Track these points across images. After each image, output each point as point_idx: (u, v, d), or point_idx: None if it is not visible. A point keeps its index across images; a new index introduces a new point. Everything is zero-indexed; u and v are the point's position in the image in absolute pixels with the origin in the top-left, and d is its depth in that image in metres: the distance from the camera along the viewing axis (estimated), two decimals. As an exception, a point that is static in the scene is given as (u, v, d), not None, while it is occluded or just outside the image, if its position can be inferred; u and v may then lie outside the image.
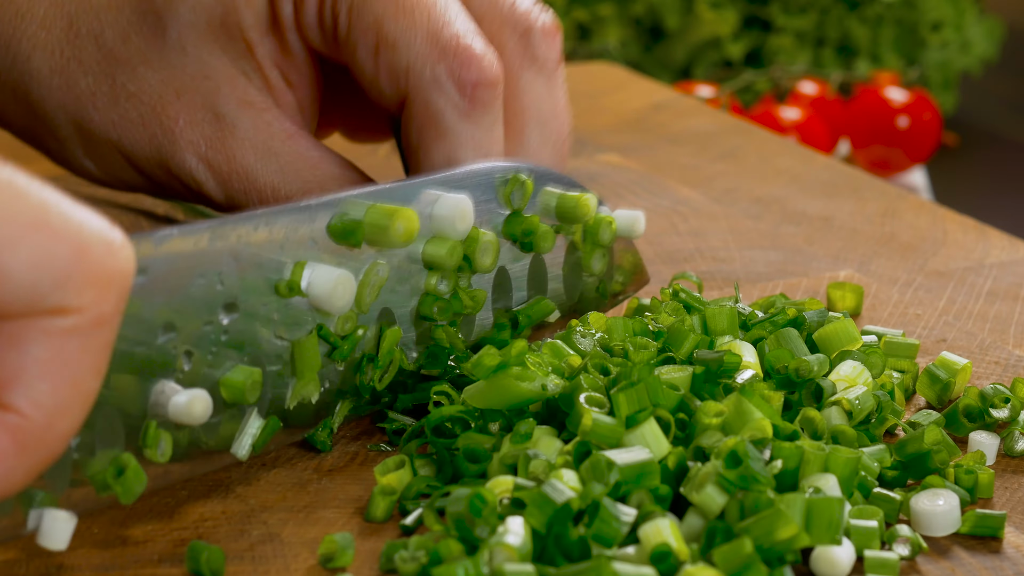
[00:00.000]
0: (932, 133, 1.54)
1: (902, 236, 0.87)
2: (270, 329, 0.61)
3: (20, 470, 0.48)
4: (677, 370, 0.62)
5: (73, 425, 0.49)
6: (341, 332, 0.63)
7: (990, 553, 0.59)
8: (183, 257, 0.58)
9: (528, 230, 0.69)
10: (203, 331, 0.59)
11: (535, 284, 0.70)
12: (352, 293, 0.63)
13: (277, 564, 0.58)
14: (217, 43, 0.71)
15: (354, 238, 0.63)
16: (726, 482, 0.56)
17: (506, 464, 0.60)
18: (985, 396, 0.66)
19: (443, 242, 0.66)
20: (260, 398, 0.61)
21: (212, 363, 0.59)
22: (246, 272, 0.60)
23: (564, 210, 0.70)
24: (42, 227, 0.47)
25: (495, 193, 0.68)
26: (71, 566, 0.57)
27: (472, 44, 0.68)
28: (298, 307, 0.62)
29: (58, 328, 0.48)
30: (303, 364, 0.62)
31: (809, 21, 1.63)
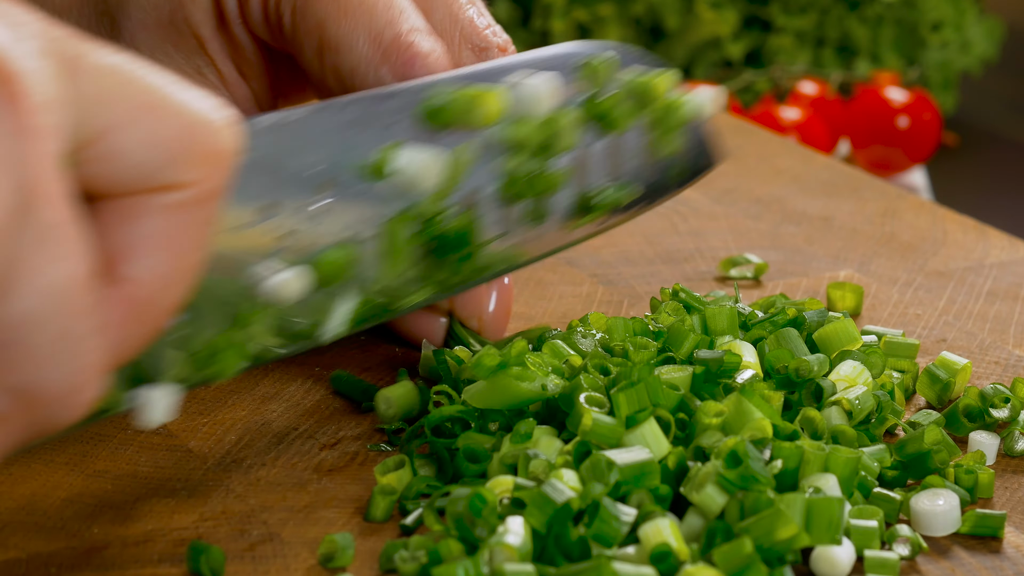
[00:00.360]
0: (932, 133, 1.54)
1: (902, 236, 0.87)
2: (364, 210, 0.62)
3: (134, 339, 0.50)
4: (677, 370, 0.62)
5: (181, 295, 0.51)
6: (430, 212, 0.64)
7: (990, 553, 0.59)
8: (283, 137, 0.60)
9: (605, 111, 0.69)
10: (301, 210, 0.60)
11: (614, 165, 0.71)
12: (441, 174, 0.63)
13: (277, 564, 0.58)
14: (169, 41, 0.71)
15: (442, 120, 0.64)
16: (726, 482, 0.56)
17: (506, 464, 0.60)
18: (985, 396, 0.66)
19: (526, 123, 0.66)
20: (355, 278, 0.62)
21: (309, 242, 0.60)
22: (341, 153, 0.61)
23: (640, 89, 0.70)
24: (153, 108, 0.49)
25: (575, 74, 0.69)
26: (71, 566, 0.57)
27: (415, 42, 0.69)
28: (389, 188, 0.63)
29: (169, 203, 0.50)
30: (392, 244, 0.63)
31: (809, 21, 1.63)
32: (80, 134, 0.48)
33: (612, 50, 0.70)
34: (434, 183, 0.63)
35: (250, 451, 0.65)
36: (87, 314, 0.48)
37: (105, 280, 0.49)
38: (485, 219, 0.66)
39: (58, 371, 0.47)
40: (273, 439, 0.66)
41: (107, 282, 0.49)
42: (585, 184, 0.70)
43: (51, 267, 0.46)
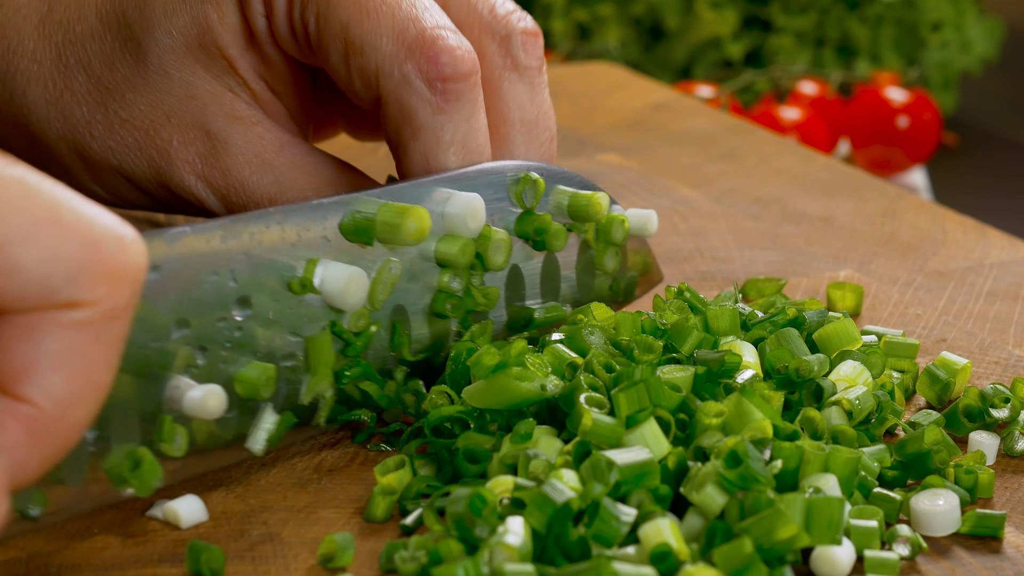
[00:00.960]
0: (932, 133, 1.54)
1: (902, 236, 0.87)
2: (284, 326, 0.62)
3: (34, 461, 0.49)
4: (678, 370, 0.62)
5: (86, 416, 0.50)
6: (355, 329, 0.64)
7: (990, 553, 0.59)
8: (196, 254, 0.59)
9: (540, 228, 0.69)
10: (217, 327, 0.60)
11: (548, 283, 0.71)
12: (365, 290, 0.63)
13: (277, 564, 0.58)
14: (198, 63, 0.71)
15: (366, 236, 0.63)
16: (726, 482, 0.56)
17: (506, 464, 0.60)
18: (985, 396, 0.66)
19: (455, 240, 0.66)
20: (275, 394, 0.62)
21: (226, 359, 0.60)
22: (259, 269, 0.61)
23: (576, 209, 0.70)
24: (54, 223, 0.48)
25: (507, 192, 0.68)
26: (71, 566, 0.57)
27: (439, 38, 0.68)
28: (311, 304, 0.62)
29: (71, 321, 0.48)
30: (317, 360, 0.63)
31: (809, 21, 1.63)
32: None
33: (542, 170, 0.70)
34: (358, 300, 0.63)
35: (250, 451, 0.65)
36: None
37: (3, 398, 0.48)
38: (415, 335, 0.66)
39: None
40: (273, 439, 0.66)
41: (5, 400, 0.48)
42: (520, 300, 0.70)
43: None
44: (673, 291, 0.71)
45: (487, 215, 0.67)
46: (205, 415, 0.58)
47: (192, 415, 0.58)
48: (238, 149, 0.71)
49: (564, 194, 0.70)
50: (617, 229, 0.72)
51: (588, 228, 0.71)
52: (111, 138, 0.72)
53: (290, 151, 0.71)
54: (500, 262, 0.67)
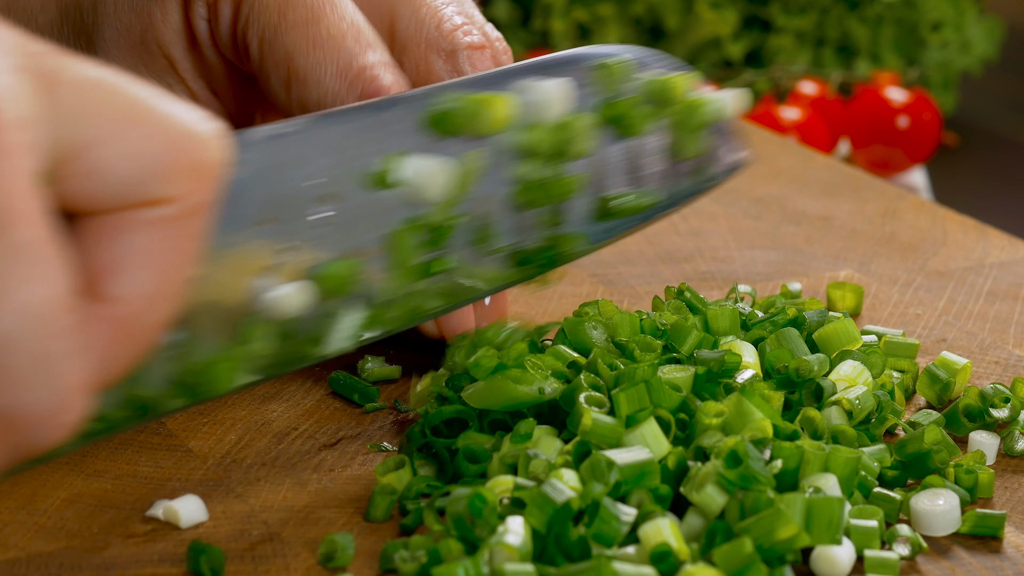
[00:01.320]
0: (932, 133, 1.54)
1: (902, 236, 0.87)
2: (369, 222, 0.61)
3: (120, 359, 0.49)
4: (678, 370, 0.62)
5: (169, 312, 0.50)
6: (439, 221, 0.63)
7: (990, 553, 0.59)
8: (280, 150, 0.59)
9: (622, 114, 0.68)
10: (301, 224, 0.59)
11: (634, 167, 0.70)
12: (449, 182, 0.62)
13: (277, 564, 0.58)
14: (140, 60, 0.71)
15: (449, 127, 0.63)
16: (726, 482, 0.56)
17: (506, 464, 0.60)
18: (985, 396, 0.66)
19: (538, 128, 0.65)
20: (359, 292, 0.61)
21: (311, 255, 0.59)
22: (342, 164, 0.60)
23: (655, 92, 0.69)
24: (137, 121, 0.48)
25: (590, 77, 0.68)
26: (71, 565, 0.57)
27: (378, 76, 0.68)
28: (395, 198, 0.62)
29: (154, 218, 0.49)
30: (399, 255, 0.62)
31: (809, 21, 1.63)
32: (60, 150, 0.47)
33: (629, 53, 0.69)
34: (441, 192, 0.62)
35: (250, 451, 0.65)
36: (68, 334, 0.46)
37: (88, 298, 0.48)
38: (499, 226, 0.65)
39: (38, 393, 0.46)
40: (273, 439, 0.66)
41: (90, 300, 0.48)
42: (603, 189, 0.69)
43: (28, 287, 0.45)
44: (673, 291, 0.71)
45: (573, 101, 0.66)
46: (292, 312, 0.58)
47: (279, 312, 0.58)
48: None
49: (648, 76, 0.69)
50: (696, 113, 0.70)
51: (670, 112, 0.70)
52: None
53: None
54: (584, 149, 0.66)
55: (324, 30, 0.68)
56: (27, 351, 0.46)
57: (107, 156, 0.48)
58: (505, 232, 0.65)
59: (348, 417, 0.68)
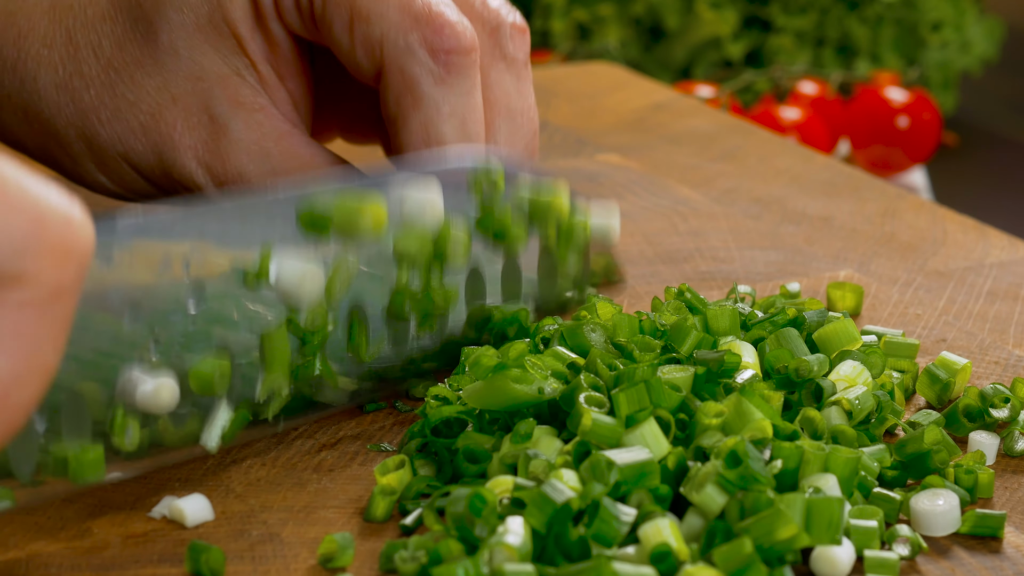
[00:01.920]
0: (932, 133, 1.54)
1: (902, 236, 0.87)
2: (239, 320, 0.61)
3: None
4: (678, 370, 0.62)
5: (31, 397, 0.49)
6: (310, 326, 0.63)
7: (990, 553, 0.59)
8: (149, 244, 0.58)
9: (500, 228, 0.68)
10: (171, 319, 0.59)
11: (509, 284, 0.70)
12: (320, 286, 0.62)
13: (277, 564, 0.58)
14: (208, 42, 0.71)
15: (323, 229, 0.63)
16: (726, 482, 0.56)
17: (506, 464, 0.60)
18: (985, 396, 0.66)
19: (413, 235, 0.65)
20: (230, 389, 0.61)
21: (181, 351, 0.59)
22: (213, 261, 0.60)
23: (536, 208, 0.70)
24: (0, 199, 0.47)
25: (468, 188, 0.68)
26: (71, 565, 0.57)
27: (444, 12, 0.69)
28: (267, 299, 0.62)
29: (14, 300, 0.48)
30: (272, 357, 0.62)
31: (809, 21, 1.63)
32: None
33: (497, 160, 0.69)
34: (313, 295, 0.62)
35: (250, 451, 0.65)
36: None
37: None
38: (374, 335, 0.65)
39: None
40: (273, 439, 0.66)
41: None
42: (480, 301, 0.69)
43: None
44: (673, 291, 0.71)
45: (449, 211, 0.66)
46: (158, 408, 0.57)
47: (145, 408, 0.58)
48: (238, 135, 0.71)
49: (525, 192, 0.69)
50: (578, 234, 0.71)
51: (549, 229, 0.71)
52: (118, 123, 0.73)
53: (288, 141, 0.72)
54: (460, 261, 0.67)
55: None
56: None
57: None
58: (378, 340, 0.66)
59: (348, 417, 0.68)
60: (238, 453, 0.65)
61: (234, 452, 0.65)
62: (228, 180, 0.71)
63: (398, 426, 0.67)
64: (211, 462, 0.64)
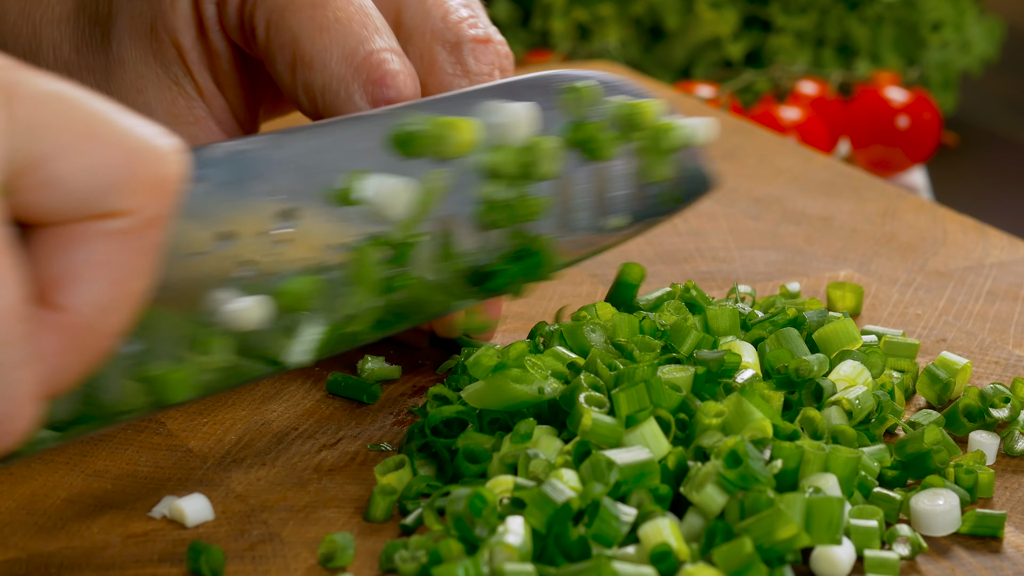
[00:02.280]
0: (932, 133, 1.54)
1: (902, 236, 0.87)
2: (330, 238, 0.61)
3: (70, 368, 0.49)
4: (679, 370, 0.62)
5: (122, 323, 0.50)
6: (401, 239, 0.63)
7: (990, 553, 0.59)
8: (241, 167, 0.59)
9: (589, 137, 0.68)
10: (261, 239, 0.59)
11: (601, 193, 0.70)
12: (412, 200, 0.63)
13: (277, 564, 0.58)
14: (150, 50, 0.71)
15: (414, 148, 0.63)
16: (726, 482, 0.56)
17: (506, 464, 0.60)
18: (985, 396, 0.66)
19: (503, 150, 0.65)
20: (319, 307, 0.61)
21: (271, 271, 0.60)
22: (304, 180, 0.61)
23: (625, 117, 0.70)
24: (93, 134, 0.48)
25: (558, 101, 0.68)
26: (71, 565, 0.57)
27: (385, 61, 0.68)
28: (358, 215, 0.62)
29: (109, 230, 0.49)
30: (360, 272, 0.62)
31: (809, 21, 1.63)
32: (16, 162, 0.47)
33: (598, 77, 0.69)
34: (404, 211, 0.62)
35: (250, 451, 0.65)
36: (19, 343, 0.47)
37: (40, 307, 0.48)
38: (462, 245, 0.65)
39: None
40: (273, 439, 0.66)
41: (43, 309, 0.48)
42: (570, 212, 0.69)
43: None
44: (679, 289, 0.71)
45: (539, 124, 0.67)
46: (250, 325, 0.58)
47: (237, 326, 0.58)
48: None
49: (614, 102, 0.70)
50: (666, 138, 0.71)
51: (639, 137, 0.71)
52: None
53: None
54: (548, 172, 0.67)
55: (331, 13, 0.68)
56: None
57: (64, 169, 0.48)
58: (469, 251, 0.66)
59: (348, 417, 0.68)
60: (238, 453, 0.65)
61: (234, 452, 0.65)
62: None
63: (398, 426, 0.67)
64: (211, 462, 0.64)
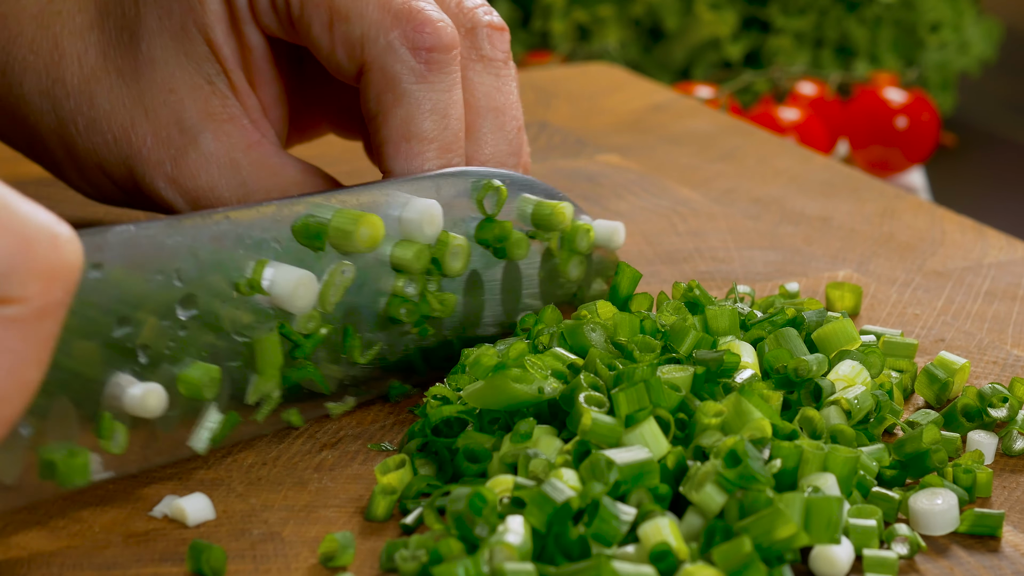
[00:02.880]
0: (930, 133, 1.54)
1: (900, 236, 0.88)
2: (230, 326, 0.61)
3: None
4: (678, 370, 0.63)
5: (13, 412, 0.50)
6: (304, 331, 0.63)
7: (988, 552, 0.59)
8: (140, 253, 0.59)
9: (501, 236, 0.69)
10: (160, 326, 0.59)
11: (509, 290, 0.70)
12: (315, 293, 0.63)
13: (278, 563, 0.58)
14: (182, 49, 0.71)
15: (319, 241, 0.63)
16: (725, 481, 0.56)
17: (506, 463, 0.60)
18: (983, 395, 0.66)
19: (411, 245, 0.66)
20: (219, 393, 0.62)
21: (170, 358, 0.60)
22: (205, 269, 0.60)
23: (540, 218, 0.70)
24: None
25: (469, 197, 0.68)
26: (72, 564, 0.58)
27: (424, 8, 0.69)
28: (259, 305, 0.62)
29: (3, 317, 0.49)
30: (264, 362, 0.62)
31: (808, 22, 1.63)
32: None
33: (509, 177, 0.70)
34: (306, 303, 0.63)
35: (251, 450, 0.65)
36: None
37: None
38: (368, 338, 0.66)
39: None
40: (274, 438, 0.66)
41: None
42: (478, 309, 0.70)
43: None
44: (682, 287, 0.72)
45: (448, 221, 0.67)
46: (145, 413, 0.58)
47: (132, 413, 0.58)
48: (207, 148, 0.71)
49: (528, 202, 0.70)
50: (582, 239, 0.72)
51: (552, 236, 0.71)
52: (94, 133, 0.73)
53: (257, 151, 0.71)
54: (457, 268, 0.67)
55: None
56: None
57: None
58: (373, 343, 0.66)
59: (348, 417, 0.68)
60: (239, 452, 0.65)
61: (235, 451, 0.65)
62: (198, 196, 0.71)
63: (398, 426, 0.67)
64: (212, 461, 0.64)
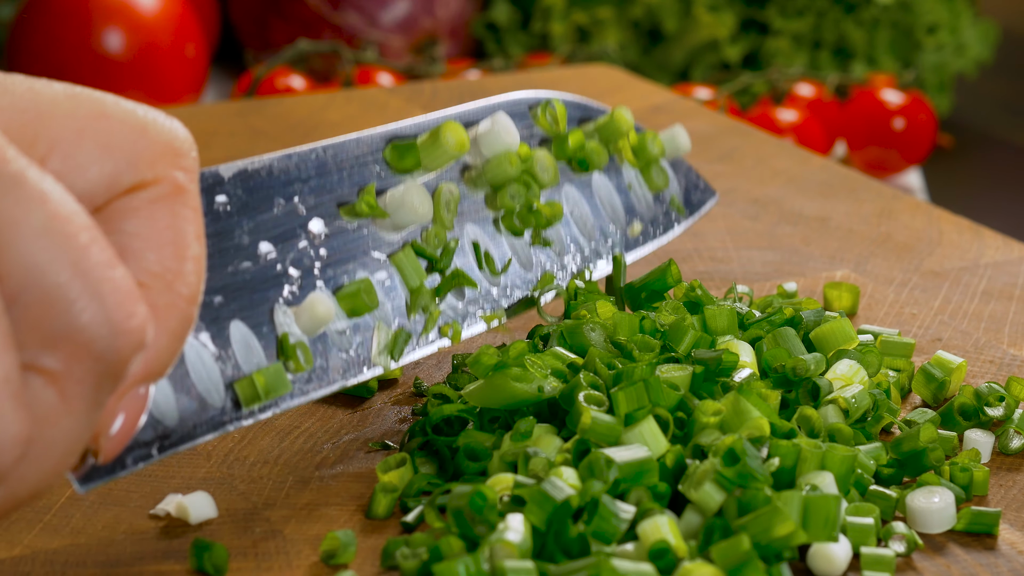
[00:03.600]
0: (927, 134, 1.55)
1: (898, 236, 0.88)
2: (363, 247, 0.63)
3: (163, 338, 0.50)
4: (677, 369, 0.63)
5: (193, 286, 0.51)
6: (433, 246, 0.65)
7: (985, 550, 0.59)
8: (257, 181, 0.61)
9: (578, 147, 0.70)
10: (301, 247, 0.61)
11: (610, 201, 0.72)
12: (427, 202, 0.64)
13: (280, 561, 0.58)
14: None
15: (411, 158, 0.65)
16: (724, 480, 0.57)
17: (506, 462, 0.60)
18: (980, 394, 0.67)
19: (500, 156, 0.67)
20: (382, 309, 0.63)
21: (320, 276, 0.62)
22: (323, 196, 0.63)
23: (603, 127, 0.72)
24: (102, 116, 0.50)
25: (530, 120, 0.70)
26: (76, 563, 0.58)
27: None
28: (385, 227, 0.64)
29: (143, 200, 0.51)
30: (409, 275, 0.64)
31: (806, 24, 1.63)
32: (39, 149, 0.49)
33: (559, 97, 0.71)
34: (426, 210, 0.64)
35: (253, 449, 0.65)
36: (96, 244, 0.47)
37: None
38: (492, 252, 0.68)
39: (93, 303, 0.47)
40: (276, 437, 0.66)
41: None
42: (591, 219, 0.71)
43: None
44: (684, 287, 0.72)
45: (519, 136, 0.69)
46: (316, 322, 0.60)
47: (305, 327, 0.60)
48: None
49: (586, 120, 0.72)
50: (651, 143, 0.73)
51: (622, 147, 0.73)
52: None
53: None
54: (549, 178, 0.69)
55: None
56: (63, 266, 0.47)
57: (81, 153, 0.50)
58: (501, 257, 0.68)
59: (350, 416, 0.68)
60: (241, 451, 0.65)
61: (237, 450, 0.65)
62: None
63: (399, 424, 0.67)
64: (214, 460, 0.64)
